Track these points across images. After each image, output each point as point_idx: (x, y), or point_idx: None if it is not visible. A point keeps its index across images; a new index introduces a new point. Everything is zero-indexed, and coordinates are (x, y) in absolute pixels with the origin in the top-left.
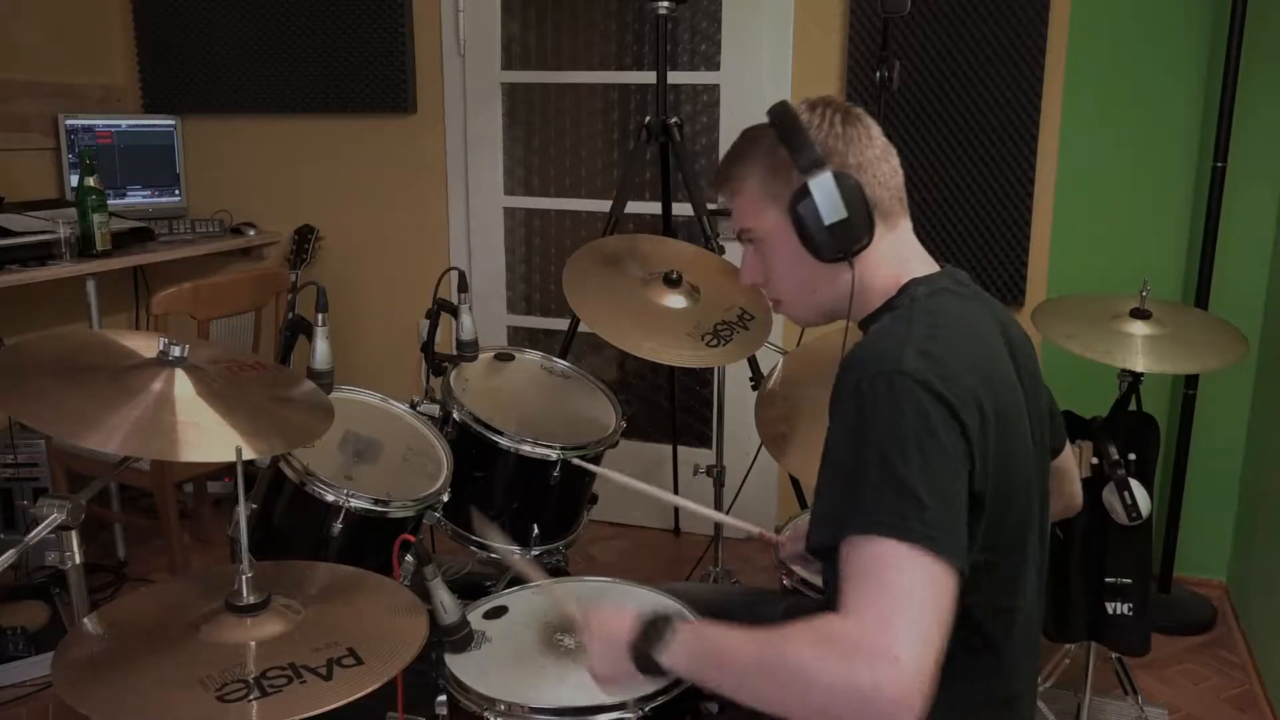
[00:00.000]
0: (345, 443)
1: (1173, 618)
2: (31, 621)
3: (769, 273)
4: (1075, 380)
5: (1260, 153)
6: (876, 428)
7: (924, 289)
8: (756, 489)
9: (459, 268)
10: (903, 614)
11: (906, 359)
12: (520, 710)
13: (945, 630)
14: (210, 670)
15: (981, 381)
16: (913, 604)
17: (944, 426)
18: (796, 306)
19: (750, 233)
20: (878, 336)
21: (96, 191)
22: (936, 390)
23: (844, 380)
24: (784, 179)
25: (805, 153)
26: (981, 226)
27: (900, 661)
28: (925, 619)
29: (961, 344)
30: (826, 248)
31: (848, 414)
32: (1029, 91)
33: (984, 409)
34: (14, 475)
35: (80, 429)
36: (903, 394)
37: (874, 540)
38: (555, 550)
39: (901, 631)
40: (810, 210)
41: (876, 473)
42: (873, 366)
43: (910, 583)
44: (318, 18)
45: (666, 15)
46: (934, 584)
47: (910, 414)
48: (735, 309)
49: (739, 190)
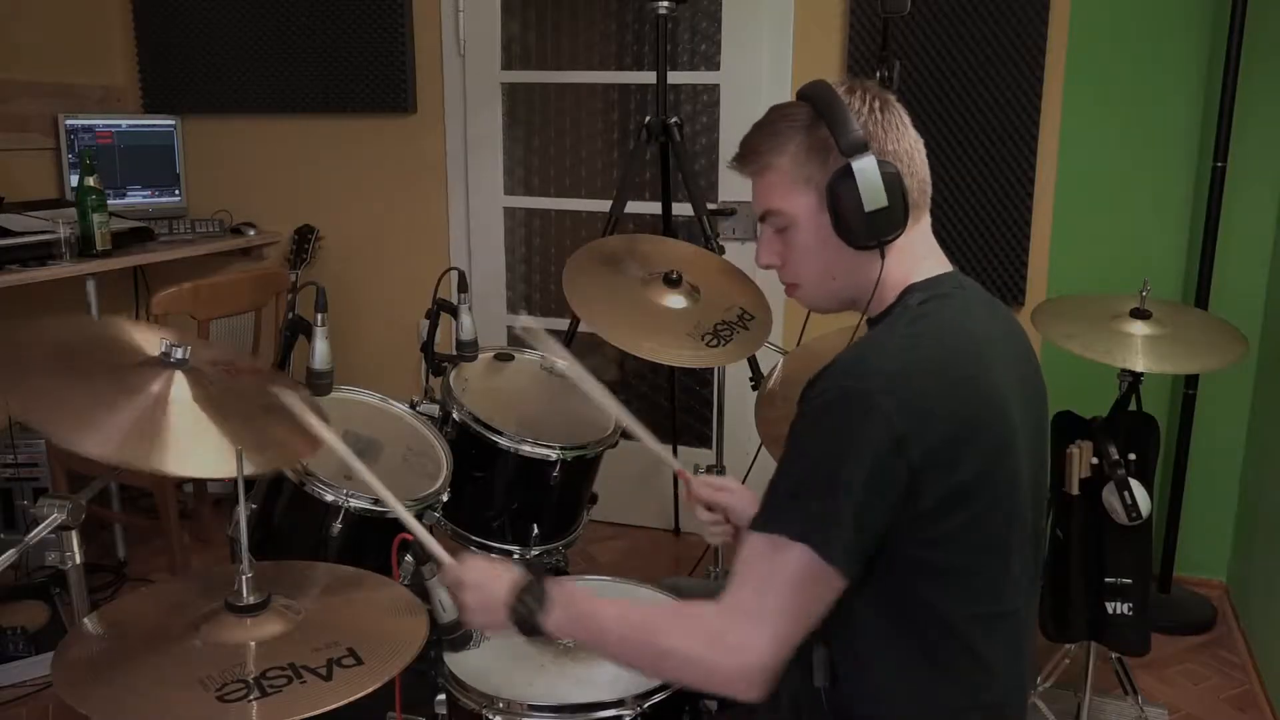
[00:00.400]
0: (345, 443)
1: (1173, 618)
2: (31, 621)
3: (790, 256)
4: (1075, 380)
5: (1260, 153)
6: (821, 435)
7: (918, 296)
8: (756, 489)
9: (459, 268)
10: (773, 608)
11: (873, 378)
12: (519, 707)
13: (810, 621)
14: (210, 670)
15: (955, 398)
16: (786, 606)
17: (886, 458)
18: (814, 292)
19: (777, 215)
20: (860, 347)
21: (96, 191)
22: (890, 415)
23: (816, 384)
24: (820, 160)
25: (849, 133)
26: (981, 226)
27: (752, 655)
28: (791, 616)
29: (938, 360)
30: (862, 235)
31: (805, 415)
32: (1029, 91)
33: (951, 427)
34: (14, 475)
35: (76, 431)
36: (858, 410)
37: (777, 538)
38: (555, 550)
39: (768, 625)
40: (851, 194)
41: (798, 479)
42: (840, 379)
43: (781, 575)
44: (318, 18)
45: (666, 15)
46: (807, 576)
47: (856, 434)
48: (735, 309)
49: (769, 167)
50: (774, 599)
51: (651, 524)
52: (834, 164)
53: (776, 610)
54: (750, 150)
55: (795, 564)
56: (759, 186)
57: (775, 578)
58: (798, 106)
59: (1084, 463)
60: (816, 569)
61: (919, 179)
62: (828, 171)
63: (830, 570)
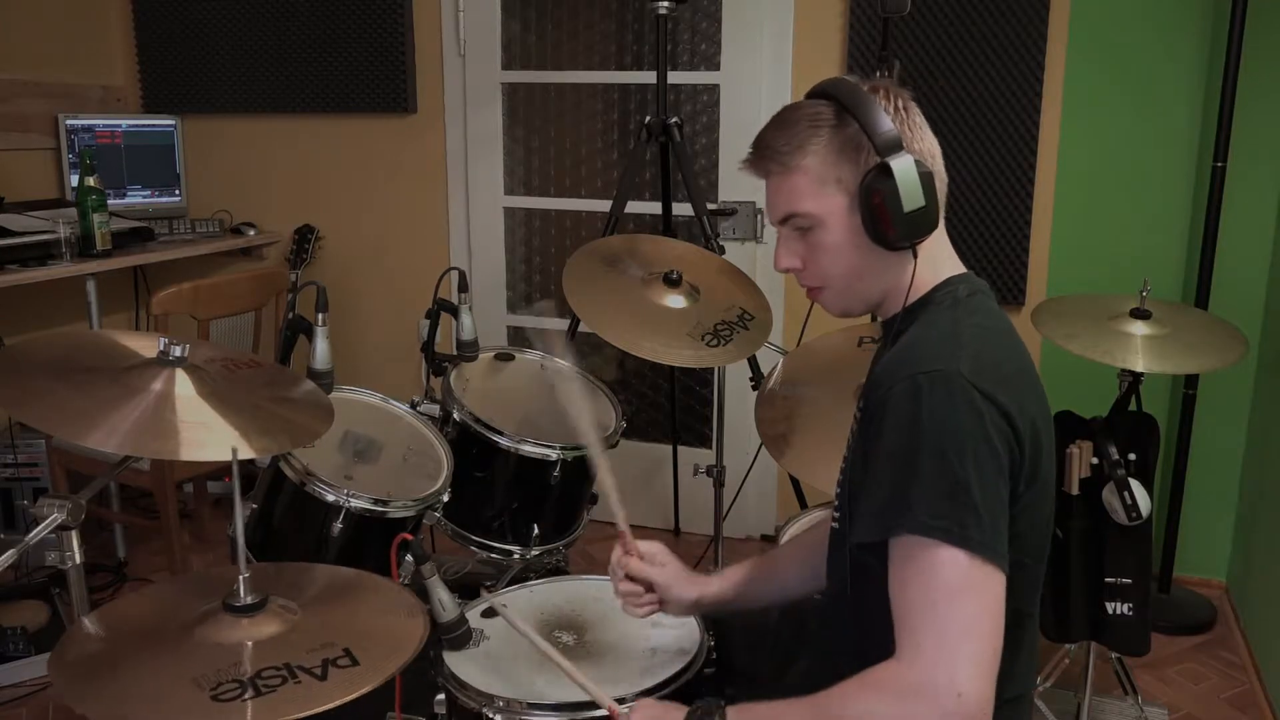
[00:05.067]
0: (345, 443)
1: (1173, 618)
2: (31, 621)
3: (814, 257)
4: (1075, 380)
5: (1260, 153)
6: (934, 426)
7: (964, 288)
8: (756, 489)
9: (459, 268)
10: (965, 643)
11: (963, 361)
12: (519, 706)
13: (1000, 640)
14: (205, 670)
15: (1025, 387)
16: (974, 631)
17: (998, 433)
18: (841, 295)
19: (802, 217)
20: (927, 334)
21: (96, 191)
22: (991, 395)
23: (897, 374)
24: (851, 159)
25: (883, 132)
26: (981, 226)
27: (964, 697)
28: (985, 642)
29: (1006, 349)
30: (900, 236)
31: (904, 408)
32: (1029, 92)
33: (1029, 414)
34: (14, 475)
35: (81, 429)
36: (960, 395)
37: (933, 545)
38: (555, 550)
39: (964, 663)
40: (890, 194)
41: (933, 472)
42: (929, 364)
43: (970, 603)
44: (318, 18)
45: (666, 15)
46: (991, 596)
47: (968, 416)
48: (735, 309)
49: (793, 169)
50: (974, 634)
51: (651, 524)
52: (867, 164)
53: (961, 631)
54: (769, 150)
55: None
56: (780, 188)
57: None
58: (820, 104)
59: (1084, 463)
60: (993, 580)
61: (942, 179)
62: (860, 171)
63: (998, 575)
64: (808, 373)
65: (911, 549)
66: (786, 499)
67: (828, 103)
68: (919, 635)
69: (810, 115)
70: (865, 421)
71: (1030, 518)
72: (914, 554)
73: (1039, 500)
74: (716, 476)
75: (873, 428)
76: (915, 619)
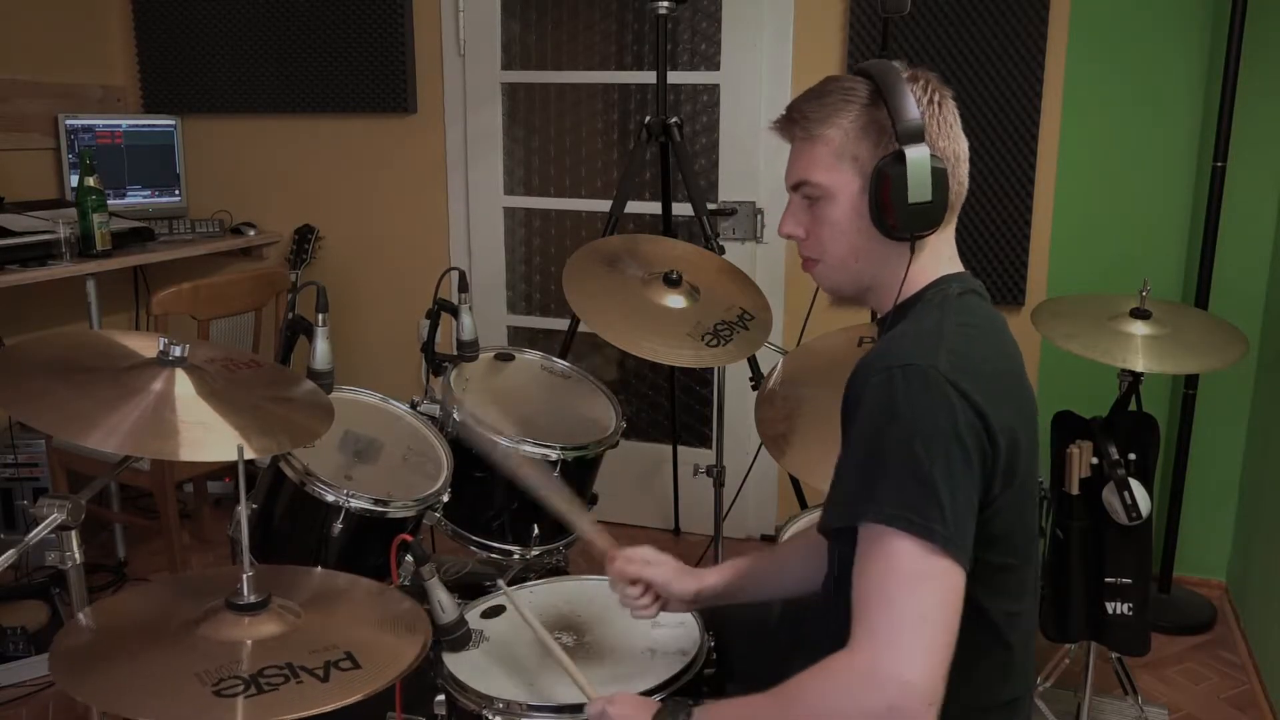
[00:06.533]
0: (345, 443)
1: (1173, 618)
2: (31, 621)
3: (816, 229)
4: (1075, 380)
5: (1260, 153)
6: (906, 418)
7: (957, 286)
8: (756, 489)
9: (459, 268)
10: (917, 632)
11: (941, 356)
12: (519, 708)
13: (954, 633)
14: (207, 665)
15: (1008, 387)
16: (927, 621)
17: (969, 429)
18: (834, 272)
19: (813, 186)
20: (912, 329)
21: (96, 191)
22: (966, 392)
23: (875, 366)
24: (873, 140)
25: (908, 119)
26: (981, 226)
27: (912, 684)
28: (939, 633)
29: (991, 348)
30: (897, 225)
31: (878, 399)
32: (1029, 92)
33: (1006, 415)
34: (14, 475)
35: (81, 429)
36: (934, 389)
37: (893, 534)
38: (555, 550)
39: (915, 652)
40: (898, 181)
41: (900, 463)
42: (907, 358)
43: (926, 594)
44: (318, 18)
45: (666, 15)
46: (947, 587)
47: (940, 410)
48: (735, 309)
49: (817, 138)
50: (924, 622)
51: (651, 524)
52: (886, 147)
53: (915, 621)
54: (800, 115)
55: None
56: (801, 154)
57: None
58: (858, 81)
59: (1084, 463)
60: (950, 572)
61: (959, 182)
62: (878, 154)
63: (957, 568)
64: (807, 373)
65: (873, 537)
66: (786, 499)
67: (866, 81)
68: (873, 622)
69: (845, 90)
70: (844, 412)
71: (1010, 519)
72: (875, 542)
73: (1019, 501)
74: (716, 476)
75: (849, 417)
76: (870, 606)
